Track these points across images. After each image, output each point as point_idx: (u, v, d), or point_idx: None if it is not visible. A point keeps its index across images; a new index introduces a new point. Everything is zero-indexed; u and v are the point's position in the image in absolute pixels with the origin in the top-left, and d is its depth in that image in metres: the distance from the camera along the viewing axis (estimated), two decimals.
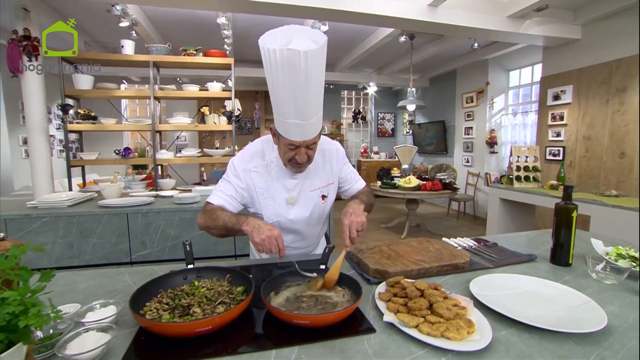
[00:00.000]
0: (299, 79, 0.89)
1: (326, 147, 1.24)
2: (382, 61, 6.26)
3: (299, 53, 0.84)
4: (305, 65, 0.86)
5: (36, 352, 0.64)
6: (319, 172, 1.22)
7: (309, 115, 0.97)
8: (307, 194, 1.20)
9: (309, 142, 1.03)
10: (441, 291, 0.83)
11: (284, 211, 1.19)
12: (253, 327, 0.78)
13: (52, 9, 3.60)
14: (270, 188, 1.17)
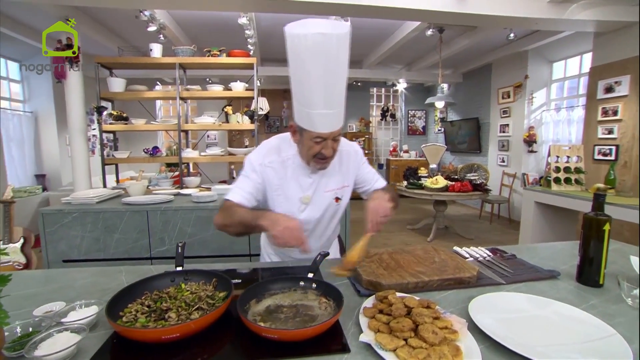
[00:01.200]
0: (330, 64, 0.88)
1: (344, 149, 1.19)
2: (411, 56, 6.03)
3: (331, 36, 0.84)
4: (337, 50, 0.87)
5: (11, 350, 0.65)
6: (335, 174, 1.18)
7: (336, 104, 0.96)
8: (321, 195, 1.17)
9: (335, 133, 1.01)
10: (433, 310, 0.75)
11: (296, 210, 1.16)
12: (231, 336, 0.76)
13: (91, 18, 3.85)
14: (284, 186, 1.14)
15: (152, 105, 6.92)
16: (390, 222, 5.49)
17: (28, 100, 5.03)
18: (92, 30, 3.89)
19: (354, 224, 5.53)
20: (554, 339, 0.69)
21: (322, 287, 0.90)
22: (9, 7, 3.53)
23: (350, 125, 8.09)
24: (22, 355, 0.63)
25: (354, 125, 8.10)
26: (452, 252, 1.20)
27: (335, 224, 1.29)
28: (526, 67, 5.23)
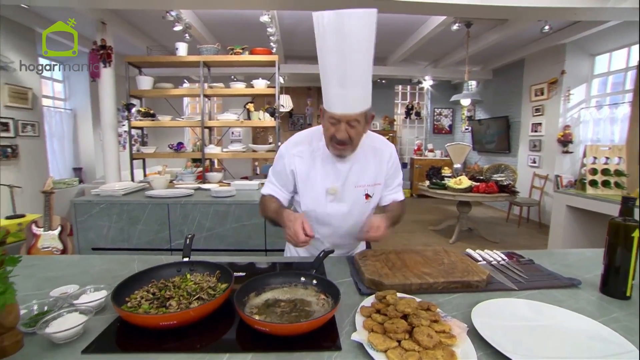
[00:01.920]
0: (343, 42, 0.91)
1: (380, 146, 1.20)
2: (438, 53, 5.85)
3: (348, 15, 0.89)
4: (349, 28, 0.89)
5: (27, 326, 0.70)
6: (368, 169, 1.16)
7: (351, 85, 0.96)
8: (350, 189, 1.15)
9: (349, 117, 1.00)
10: (433, 312, 0.73)
11: (322, 201, 1.15)
12: (228, 327, 0.77)
13: (124, 20, 4.05)
14: (311, 174, 1.15)
15: (180, 102, 7.19)
16: (412, 222, 5.37)
17: (68, 98, 5.39)
18: (124, 31, 4.09)
19: None
20: (562, 351, 0.65)
21: (322, 284, 0.89)
22: (51, 12, 3.79)
23: (374, 123, 7.99)
24: (34, 332, 0.67)
25: (377, 124, 7.98)
26: (463, 254, 1.15)
27: (363, 218, 1.22)
28: (563, 61, 4.91)
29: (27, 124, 3.85)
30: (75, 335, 0.69)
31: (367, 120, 1.07)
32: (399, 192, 1.26)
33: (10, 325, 0.64)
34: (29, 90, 3.84)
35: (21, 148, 3.77)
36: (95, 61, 3.48)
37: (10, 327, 0.64)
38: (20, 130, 3.76)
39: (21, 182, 3.64)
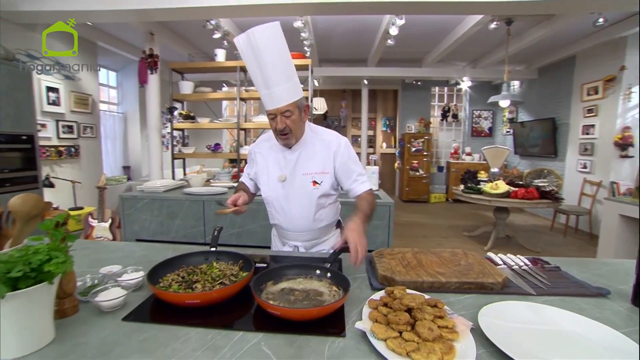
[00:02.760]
0: (257, 53, 1.09)
1: (328, 138, 1.30)
2: (476, 52, 5.63)
3: (253, 32, 1.08)
4: (257, 41, 1.08)
5: (82, 294, 0.83)
6: (314, 159, 1.28)
7: (272, 84, 1.13)
8: (298, 176, 1.27)
9: (281, 109, 1.16)
10: (439, 309, 0.74)
11: (276, 187, 1.30)
12: (246, 310, 0.84)
13: (170, 30, 4.38)
14: (267, 166, 1.32)
15: (219, 105, 7.55)
16: (446, 227, 5.21)
17: (120, 103, 5.91)
18: (169, 40, 4.42)
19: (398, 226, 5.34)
20: (565, 355, 0.63)
21: (336, 277, 0.93)
22: (109, 26, 4.19)
23: (408, 126, 7.84)
24: (88, 300, 0.80)
25: (412, 126, 7.82)
26: (483, 257, 1.14)
27: (319, 208, 1.30)
28: (623, 56, 4.47)
29: (87, 127, 4.30)
30: (118, 306, 0.80)
31: (302, 110, 1.22)
32: (363, 182, 1.30)
33: (70, 292, 0.77)
34: (89, 97, 4.28)
35: (82, 148, 4.22)
36: (143, 68, 3.81)
37: (69, 293, 0.77)
38: (82, 132, 4.21)
39: (81, 178, 4.07)
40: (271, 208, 1.35)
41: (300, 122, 1.22)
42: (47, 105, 3.67)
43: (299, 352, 0.64)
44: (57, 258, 0.65)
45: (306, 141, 1.28)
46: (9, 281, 0.60)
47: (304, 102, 1.22)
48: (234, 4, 2.92)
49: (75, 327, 0.72)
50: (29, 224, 0.75)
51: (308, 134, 1.28)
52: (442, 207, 7.00)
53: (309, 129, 1.30)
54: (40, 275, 0.63)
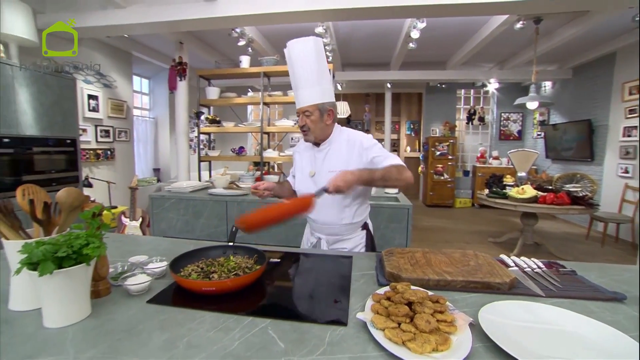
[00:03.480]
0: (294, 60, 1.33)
1: (353, 137, 1.40)
2: (503, 53, 5.46)
3: (293, 43, 1.33)
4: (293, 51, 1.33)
5: (113, 279, 0.93)
6: (339, 157, 1.38)
7: (300, 85, 1.33)
8: (325, 173, 1.38)
9: (303, 109, 1.34)
10: (441, 304, 0.76)
11: (307, 181, 1.43)
12: (259, 300, 0.90)
13: (197, 39, 4.61)
14: (302, 162, 1.48)
15: (244, 110, 7.80)
16: (470, 233, 5.07)
17: (152, 108, 6.26)
18: (197, 48, 4.65)
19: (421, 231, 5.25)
20: (562, 353, 0.64)
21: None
22: (141, 37, 4.49)
23: (433, 129, 7.71)
24: (119, 284, 0.90)
25: (437, 130, 7.68)
26: (494, 259, 1.13)
27: (343, 204, 1.39)
28: None
29: (122, 131, 4.60)
30: (143, 290, 0.89)
31: (325, 113, 1.35)
32: (387, 158, 1.31)
33: (103, 275, 0.87)
34: (124, 103, 4.59)
35: (117, 151, 4.52)
36: (173, 75, 4.04)
37: (103, 277, 0.87)
38: (117, 136, 4.51)
39: (115, 179, 4.36)
40: None
41: (321, 123, 1.36)
42: (87, 112, 3.98)
43: (301, 337, 0.69)
44: (93, 243, 0.74)
45: (333, 141, 1.40)
46: (56, 260, 0.69)
47: (327, 107, 1.35)
48: (258, 12, 3.05)
49: (108, 306, 0.82)
50: (71, 214, 0.85)
51: (335, 134, 1.41)
52: (468, 212, 6.80)
53: (337, 131, 1.42)
54: (79, 257, 0.73)
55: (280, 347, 0.66)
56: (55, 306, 0.71)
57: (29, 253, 0.68)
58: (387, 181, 1.23)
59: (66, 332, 0.70)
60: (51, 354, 0.63)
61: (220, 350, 0.65)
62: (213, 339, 0.68)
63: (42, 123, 2.83)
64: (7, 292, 0.81)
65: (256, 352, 0.64)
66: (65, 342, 0.67)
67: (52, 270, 0.67)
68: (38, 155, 2.83)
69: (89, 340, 0.68)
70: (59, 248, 0.69)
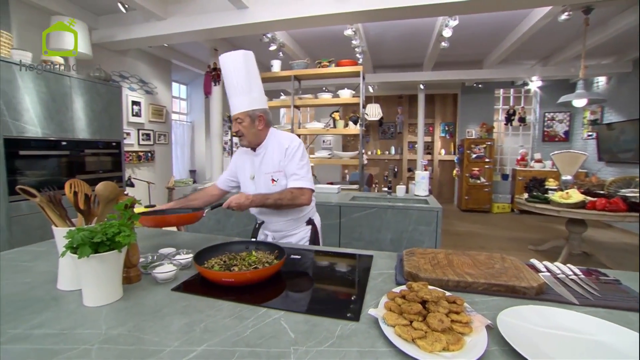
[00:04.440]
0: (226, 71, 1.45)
1: (283, 141, 1.48)
2: (547, 48, 5.11)
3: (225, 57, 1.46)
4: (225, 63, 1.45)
5: (144, 268, 1.00)
6: (272, 160, 1.48)
7: (232, 94, 1.44)
8: (261, 175, 1.50)
9: (235, 115, 1.43)
10: (458, 305, 0.74)
11: (249, 185, 1.54)
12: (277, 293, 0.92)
13: (231, 45, 4.81)
14: (243, 166, 1.57)
15: (277, 113, 7.99)
16: (507, 239, 4.78)
17: (189, 113, 6.62)
18: None
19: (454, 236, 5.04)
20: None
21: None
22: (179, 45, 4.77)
23: (469, 131, 7.39)
24: (148, 273, 0.97)
25: (473, 131, 7.35)
26: (523, 263, 1.07)
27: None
28: None
29: (161, 134, 4.92)
30: (169, 279, 0.95)
31: (255, 119, 1.44)
32: (296, 180, 1.45)
33: (134, 263, 0.94)
34: (164, 108, 4.90)
35: (156, 153, 4.83)
36: (208, 81, 4.25)
37: (134, 264, 0.94)
38: (156, 139, 4.82)
39: (154, 179, 4.66)
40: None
41: (253, 128, 1.45)
42: (131, 117, 4.31)
43: (312, 329, 0.70)
44: (124, 232, 0.81)
45: (268, 145, 1.49)
46: (92, 245, 0.77)
47: (257, 114, 1.45)
48: (288, 17, 3.13)
49: (137, 291, 0.88)
50: (108, 205, 0.94)
51: (270, 139, 1.50)
52: (506, 218, 6.43)
53: (271, 135, 1.51)
54: (112, 244, 0.80)
55: (290, 337, 0.67)
56: (91, 287, 0.79)
57: (71, 238, 0.76)
58: (280, 206, 1.42)
59: (100, 311, 0.77)
60: (87, 327, 0.70)
61: (233, 336, 0.68)
62: (228, 326, 0.71)
63: (92, 127, 3.11)
64: (57, 274, 0.91)
65: (266, 340, 0.66)
66: (99, 319, 0.74)
67: (89, 254, 0.74)
68: (89, 157, 3.11)
69: (119, 318, 0.74)
70: (95, 235, 0.77)
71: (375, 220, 2.54)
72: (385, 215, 2.52)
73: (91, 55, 3.29)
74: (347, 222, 2.61)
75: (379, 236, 2.55)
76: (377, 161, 8.45)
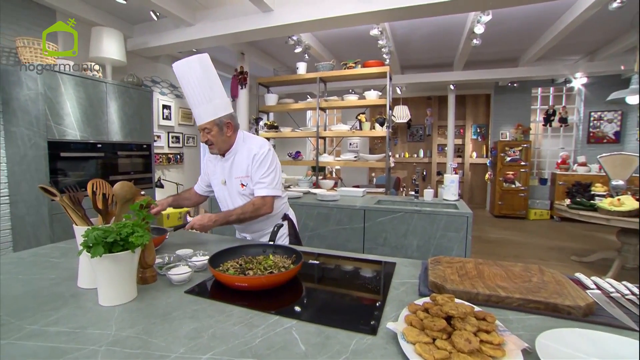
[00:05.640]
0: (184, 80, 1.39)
1: (252, 147, 1.48)
2: (594, 41, 4.72)
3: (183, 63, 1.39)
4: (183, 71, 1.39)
5: (160, 268, 1.00)
6: (241, 165, 1.48)
7: (195, 104, 1.40)
8: (232, 180, 1.51)
9: (202, 126, 1.41)
10: (488, 323, 0.66)
11: (221, 189, 1.55)
12: (292, 300, 0.88)
13: (257, 48, 4.89)
14: (215, 171, 1.57)
15: (303, 115, 8.01)
16: (547, 248, 4.45)
17: None
18: (257, 57, 4.93)
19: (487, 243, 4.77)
20: None
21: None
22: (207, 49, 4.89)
23: (502, 133, 7.01)
24: (164, 274, 0.96)
25: (507, 133, 6.96)
26: (567, 277, 0.95)
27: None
28: None
29: (190, 137, 5.07)
30: (184, 281, 0.94)
31: (223, 126, 1.42)
32: (261, 188, 1.46)
33: (150, 263, 0.94)
34: None
35: (185, 155, 4.99)
36: (235, 84, 4.33)
37: (150, 265, 0.94)
38: (185, 142, 4.98)
39: (183, 181, 4.81)
40: (222, 206, 1.60)
41: (222, 136, 1.43)
42: (162, 120, 4.48)
43: (325, 342, 0.65)
44: (138, 232, 0.81)
45: (236, 151, 1.49)
46: (106, 245, 0.77)
47: (224, 120, 1.42)
48: (313, 18, 3.11)
49: (152, 292, 0.88)
50: (125, 205, 0.94)
51: (239, 143, 1.49)
52: (545, 225, 6.00)
53: (240, 140, 1.50)
54: (126, 244, 0.79)
55: (300, 349, 0.63)
56: (106, 287, 0.79)
57: (86, 237, 0.76)
58: (244, 220, 1.46)
59: (113, 311, 0.77)
60: (99, 327, 0.70)
61: (240, 345, 0.64)
62: (237, 333, 0.68)
63: (125, 130, 3.26)
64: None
65: (275, 351, 0.62)
66: (111, 319, 0.73)
67: (102, 254, 0.74)
68: (122, 159, 3.25)
69: (130, 320, 0.73)
70: (108, 234, 0.76)
71: (401, 225, 2.44)
72: (411, 220, 2.41)
73: (125, 62, 3.45)
74: (372, 226, 2.52)
75: (405, 242, 2.45)
76: (405, 164, 8.23)
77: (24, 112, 2.64)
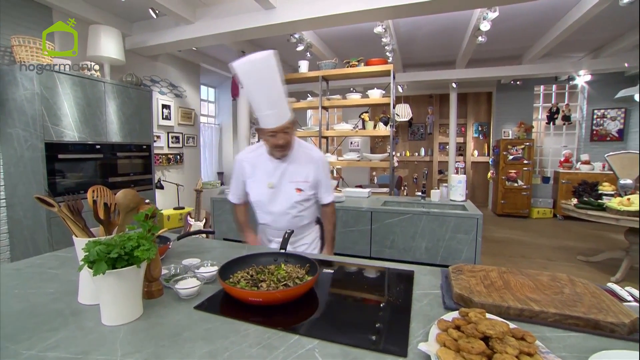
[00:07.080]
0: (262, 79, 1.24)
1: (312, 153, 1.48)
2: (600, 38, 4.66)
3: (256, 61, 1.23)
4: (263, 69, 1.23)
5: (166, 281, 0.94)
6: (300, 169, 1.44)
7: (274, 106, 1.28)
8: (285, 184, 1.44)
9: (282, 127, 1.31)
10: (528, 344, 0.60)
11: (265, 192, 1.46)
12: (309, 314, 0.82)
13: (258, 47, 4.80)
14: (255, 173, 1.48)
15: (304, 114, 7.94)
16: (553, 248, 4.40)
17: (217, 115, 6.71)
18: None
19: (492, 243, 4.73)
20: None
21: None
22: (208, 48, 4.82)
23: (505, 131, 6.97)
24: (170, 287, 0.90)
25: (509, 132, 6.92)
26: (600, 288, 0.90)
27: (300, 210, 1.48)
28: None
29: (190, 137, 5.00)
30: (193, 294, 0.88)
31: (295, 124, 1.42)
32: (329, 195, 1.53)
33: (156, 276, 0.88)
34: (192, 111, 4.98)
35: (185, 155, 4.92)
36: (235, 84, 4.26)
37: (156, 278, 0.88)
38: (185, 142, 4.91)
39: (183, 181, 4.73)
40: (259, 210, 1.54)
41: (294, 136, 1.43)
42: (161, 120, 4.40)
43: None
44: (143, 245, 0.74)
45: (293, 154, 1.44)
46: (109, 260, 0.70)
47: (295, 119, 1.42)
48: (315, 16, 3.04)
49: (159, 308, 0.82)
50: (128, 214, 0.88)
51: (295, 146, 1.46)
52: (548, 224, 5.96)
53: (296, 143, 1.47)
54: (131, 258, 0.73)
55: None
56: (109, 305, 0.73)
57: (88, 252, 0.70)
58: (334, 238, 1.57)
59: (118, 332, 0.71)
60: (102, 352, 0.64)
61: None
62: (255, 357, 0.62)
63: (124, 131, 3.18)
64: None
65: None
66: (116, 341, 0.67)
67: (105, 271, 0.67)
68: (121, 160, 3.18)
69: (136, 342, 0.67)
70: (112, 249, 0.70)
71: (410, 227, 2.38)
72: (420, 221, 2.35)
73: (124, 61, 3.38)
74: (379, 228, 2.47)
75: (413, 244, 2.39)
76: (407, 163, 8.18)
77: (20, 112, 2.57)
